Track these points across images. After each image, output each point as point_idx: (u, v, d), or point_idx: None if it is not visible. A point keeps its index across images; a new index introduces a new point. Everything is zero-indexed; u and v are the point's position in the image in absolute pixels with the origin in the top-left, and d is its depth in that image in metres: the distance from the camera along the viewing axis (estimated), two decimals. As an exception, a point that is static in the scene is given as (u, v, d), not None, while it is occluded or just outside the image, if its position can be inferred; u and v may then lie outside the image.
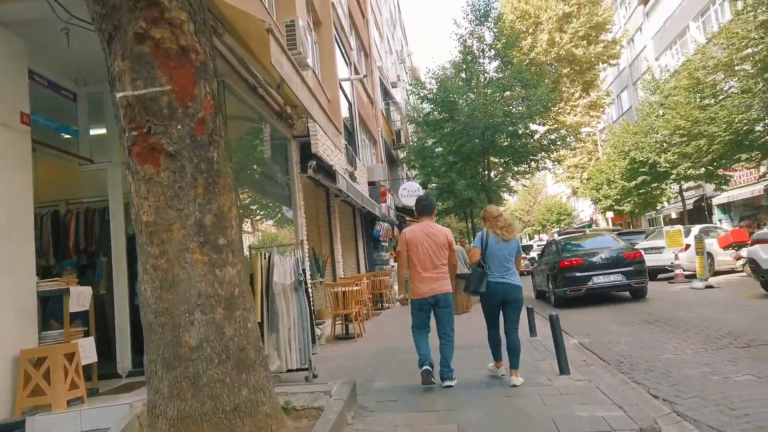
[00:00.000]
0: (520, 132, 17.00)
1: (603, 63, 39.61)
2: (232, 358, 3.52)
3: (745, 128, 16.09)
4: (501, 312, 5.33)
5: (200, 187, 3.27)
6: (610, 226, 35.64)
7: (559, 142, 18.32)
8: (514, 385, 4.91)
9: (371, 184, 15.69)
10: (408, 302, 5.64)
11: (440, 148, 18.07)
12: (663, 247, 16.01)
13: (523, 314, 5.60)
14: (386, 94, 24.33)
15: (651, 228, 23.72)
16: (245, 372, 3.63)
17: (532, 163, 19.20)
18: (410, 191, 16.87)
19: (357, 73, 15.73)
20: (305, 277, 6.27)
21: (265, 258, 5.92)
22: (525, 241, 63.04)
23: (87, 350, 4.86)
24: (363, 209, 14.75)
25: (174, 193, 3.18)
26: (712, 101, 17.69)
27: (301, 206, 8.91)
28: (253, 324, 3.72)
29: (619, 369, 5.64)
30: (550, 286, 11.81)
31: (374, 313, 12.93)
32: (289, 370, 5.94)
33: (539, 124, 17.93)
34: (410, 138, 23.10)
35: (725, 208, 30.21)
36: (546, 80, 17.79)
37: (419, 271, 5.28)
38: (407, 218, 21.75)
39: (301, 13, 8.59)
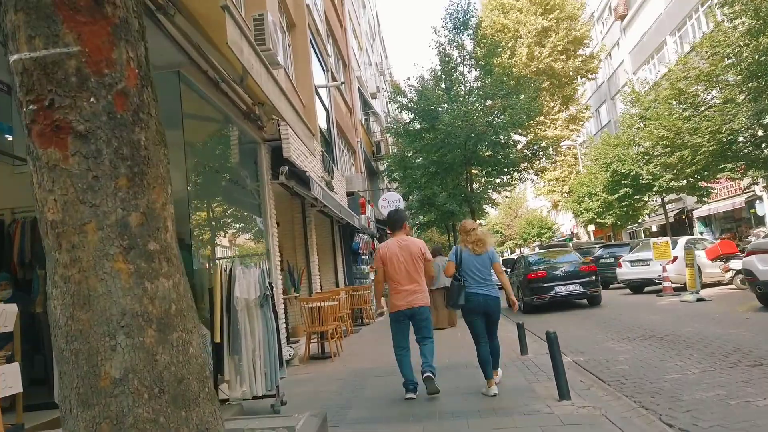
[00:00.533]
0: (502, 141, 16.54)
1: (581, 77, 39.85)
2: (168, 392, 2.80)
3: (729, 138, 15.88)
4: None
5: (123, 177, 2.58)
6: (593, 239, 35.45)
7: (540, 153, 17.92)
8: (495, 394, 5.07)
9: (350, 194, 15.09)
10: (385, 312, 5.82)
11: (421, 159, 17.54)
12: (650, 260, 15.63)
13: (511, 331, 6.00)
14: (365, 104, 23.84)
15: (636, 240, 23.45)
16: (185, 408, 2.91)
17: (515, 173, 18.75)
18: (390, 202, 16.25)
19: (334, 80, 15.19)
20: (272, 291, 5.60)
21: (225, 270, 5.24)
22: (507, 255, 62.88)
23: (9, 379, 4.12)
24: (341, 220, 14.13)
25: (87, 185, 2.49)
26: (695, 112, 17.50)
27: (272, 215, 8.26)
28: (197, 349, 3.03)
29: (622, 392, 5.05)
30: (520, 294, 13.19)
31: (354, 330, 12.26)
32: (254, 397, 5.25)
33: (521, 135, 17.54)
34: (390, 149, 22.55)
35: (706, 220, 30.23)
36: (526, 90, 17.39)
37: (395, 284, 5.38)
38: (388, 231, 21.15)
39: (271, 9, 8.01)
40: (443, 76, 18.07)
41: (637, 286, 16.39)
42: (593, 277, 13.04)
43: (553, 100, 37.19)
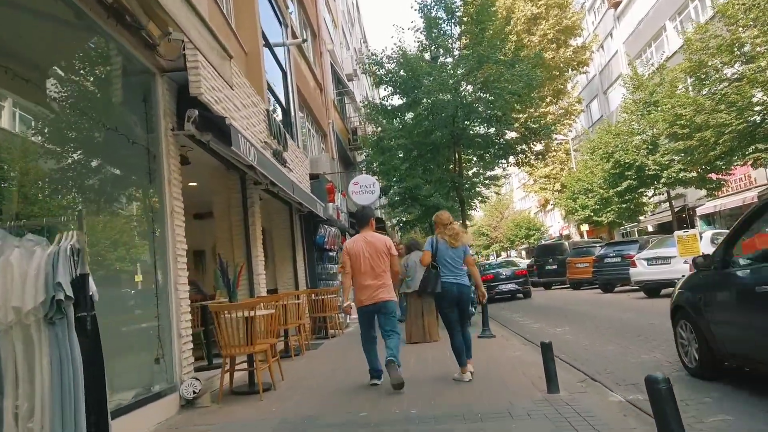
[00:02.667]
0: (500, 115, 13.89)
1: (573, 69, 37.59)
2: None
3: (763, 114, 13.50)
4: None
5: None
6: (586, 239, 33.10)
7: (541, 132, 15.41)
8: (469, 380, 5.42)
9: (314, 177, 12.39)
10: (351, 310, 5.87)
11: (401, 140, 14.90)
12: (671, 257, 13.19)
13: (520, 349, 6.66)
14: (339, 83, 21.14)
15: (647, 237, 21.03)
16: None
17: (510, 157, 16.14)
18: (363, 186, 13.56)
19: (295, 38, 12.48)
20: (88, 297, 2.86)
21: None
22: (492, 259, 60.51)
23: None
24: (302, 208, 11.43)
25: None
26: (718, 86, 15.10)
27: (171, 182, 5.54)
28: None
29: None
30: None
31: (311, 345, 9.54)
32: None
33: (518, 111, 15.01)
34: (367, 132, 19.82)
35: (709, 218, 28.01)
36: (524, 60, 14.80)
37: (361, 280, 5.55)
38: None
39: None
40: (427, 44, 15.40)
41: (654, 288, 13.94)
42: (525, 279, 19.08)
43: (543, 92, 34.82)
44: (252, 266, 8.52)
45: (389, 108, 15.59)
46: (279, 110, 11.33)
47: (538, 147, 17.43)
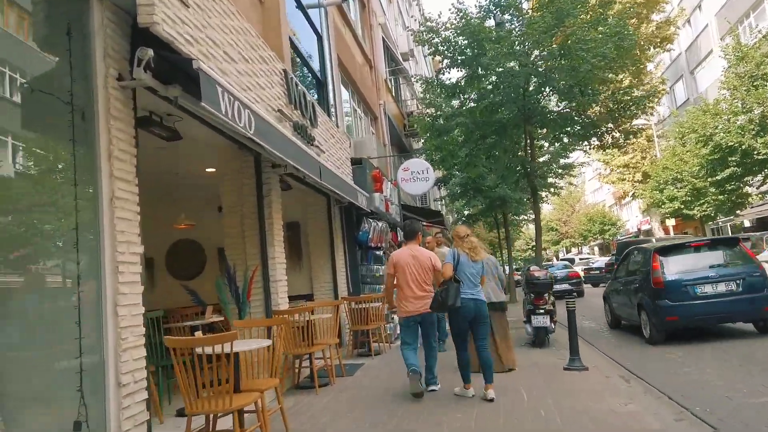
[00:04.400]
0: (582, 86, 11.33)
1: (655, 47, 33.78)
2: None
3: None
4: (470, 329, 5.55)
5: None
6: (672, 235, 29.58)
7: (632, 106, 12.80)
8: (491, 399, 5.18)
9: (356, 162, 10.50)
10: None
11: (462, 117, 12.71)
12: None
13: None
14: (393, 61, 19.11)
15: (759, 234, 17.89)
16: None
17: (593, 138, 13.56)
18: (415, 173, 11.48)
19: (333, -3, 10.55)
20: None
21: None
22: (562, 254, 56.88)
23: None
24: (342, 200, 9.57)
25: None
26: None
27: (113, 155, 3.75)
28: None
29: None
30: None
31: (347, 367, 7.65)
32: None
33: (606, 81, 12.44)
34: (423, 112, 17.62)
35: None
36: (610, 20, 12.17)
37: (406, 292, 5.75)
38: (425, 222, 16.40)
39: None
40: (491, 8, 13.07)
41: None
42: (579, 280, 21.10)
43: (621, 71, 31.28)
44: (268, 271, 6.71)
45: (447, 83, 13.38)
46: (310, 83, 9.50)
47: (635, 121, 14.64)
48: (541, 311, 8.62)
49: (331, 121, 9.42)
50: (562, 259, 37.75)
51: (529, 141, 12.92)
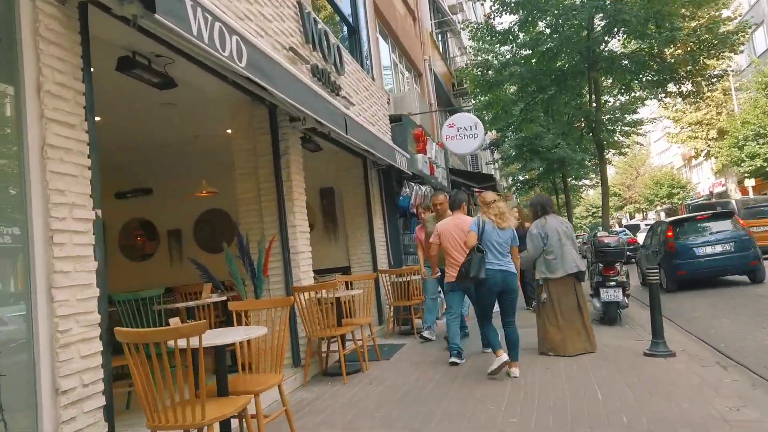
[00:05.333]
0: (659, 22, 9.57)
1: (734, -11, 30.42)
2: None
3: None
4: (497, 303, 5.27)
5: None
6: (753, 197, 26.96)
7: (718, 44, 10.96)
8: (515, 376, 4.92)
9: (395, 120, 9.38)
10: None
11: (516, 66, 11.27)
12: None
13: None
14: (438, 12, 17.60)
15: None
16: None
17: (669, 86, 11.79)
18: (462, 129, 10.14)
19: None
20: None
21: None
22: (625, 221, 53.93)
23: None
24: (380, 162, 8.54)
25: None
26: None
27: (42, 88, 2.84)
28: None
29: None
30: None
31: (386, 348, 6.70)
32: None
33: (687, 17, 10.65)
34: (471, 63, 16.08)
35: None
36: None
37: (451, 258, 5.78)
38: (476, 188, 15.18)
39: None
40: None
41: None
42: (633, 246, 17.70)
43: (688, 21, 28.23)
44: (288, 241, 5.79)
45: (498, 29, 11.88)
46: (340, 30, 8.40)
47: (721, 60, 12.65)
48: (612, 283, 7.39)
49: (364, 72, 8.32)
50: (625, 226, 35.43)
51: (595, 87, 11.28)
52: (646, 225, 37.53)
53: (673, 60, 11.24)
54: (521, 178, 24.62)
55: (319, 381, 5.58)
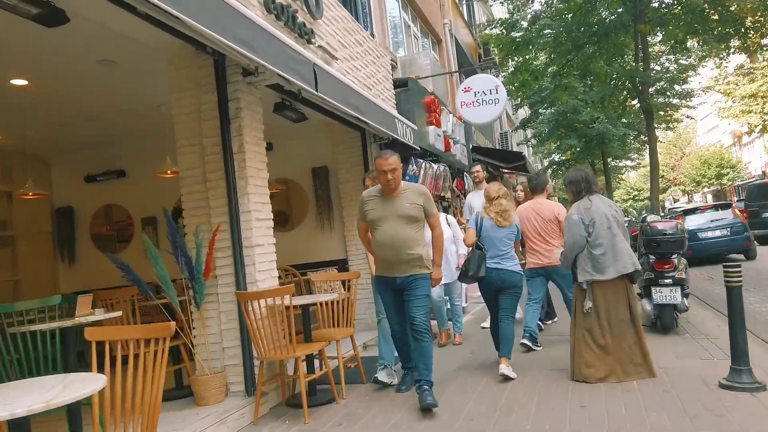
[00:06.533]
0: None
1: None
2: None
3: None
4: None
5: None
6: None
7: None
8: (504, 375, 4.53)
9: (401, 85, 7.91)
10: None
11: (548, 20, 9.61)
12: None
13: None
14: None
15: None
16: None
17: (733, 40, 9.87)
18: (480, 94, 8.51)
19: None
20: None
21: None
22: (669, 204, 51.07)
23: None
24: (380, 134, 7.14)
25: None
26: None
27: None
28: None
29: None
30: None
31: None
32: None
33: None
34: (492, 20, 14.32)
35: None
36: None
37: (531, 244, 5.74)
38: (505, 168, 13.63)
39: None
40: None
41: None
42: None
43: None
44: (239, 232, 4.44)
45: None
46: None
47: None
48: (668, 281, 5.84)
49: (357, 24, 6.87)
50: (670, 209, 33.15)
51: (641, 40, 9.42)
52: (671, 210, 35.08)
53: (736, 9, 9.21)
54: (556, 159, 22.80)
55: (278, 415, 4.24)
